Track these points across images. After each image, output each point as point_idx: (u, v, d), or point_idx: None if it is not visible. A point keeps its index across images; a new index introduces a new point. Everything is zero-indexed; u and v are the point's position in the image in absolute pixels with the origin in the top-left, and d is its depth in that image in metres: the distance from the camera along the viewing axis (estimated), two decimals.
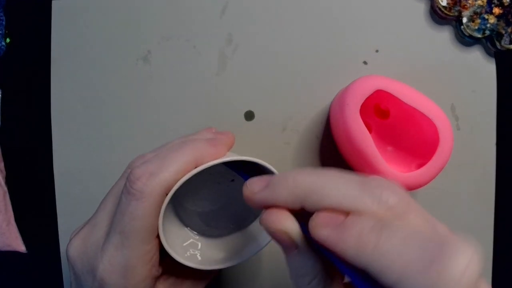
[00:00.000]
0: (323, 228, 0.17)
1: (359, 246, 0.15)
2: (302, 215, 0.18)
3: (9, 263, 0.35)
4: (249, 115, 0.33)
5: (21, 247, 0.34)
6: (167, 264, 0.24)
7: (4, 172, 0.34)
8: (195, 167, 0.22)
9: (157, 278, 0.23)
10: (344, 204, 0.17)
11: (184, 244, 0.26)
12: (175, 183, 0.21)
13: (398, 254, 0.14)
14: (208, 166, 0.22)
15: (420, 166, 0.28)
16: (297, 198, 0.18)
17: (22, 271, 0.35)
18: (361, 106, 0.27)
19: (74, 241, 0.23)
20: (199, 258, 0.25)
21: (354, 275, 0.16)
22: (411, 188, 0.27)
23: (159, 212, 0.21)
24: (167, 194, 0.21)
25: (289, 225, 0.18)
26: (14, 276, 0.35)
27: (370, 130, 0.31)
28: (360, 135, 0.27)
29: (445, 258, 0.13)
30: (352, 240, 0.16)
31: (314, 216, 0.17)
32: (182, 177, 0.22)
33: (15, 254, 0.34)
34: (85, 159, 0.33)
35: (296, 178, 0.18)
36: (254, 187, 0.19)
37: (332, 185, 0.17)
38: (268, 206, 0.19)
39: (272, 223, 0.18)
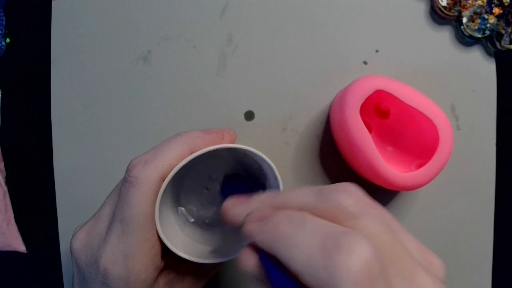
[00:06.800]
0: (250, 223, 0.18)
1: (274, 235, 0.16)
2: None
3: (9, 263, 0.35)
4: (249, 115, 0.33)
5: (21, 247, 0.34)
6: (170, 259, 0.24)
7: (4, 172, 0.34)
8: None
9: (160, 272, 0.24)
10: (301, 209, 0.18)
11: (182, 235, 0.26)
12: (171, 170, 0.22)
13: (305, 246, 0.15)
14: (204, 152, 0.22)
15: (420, 166, 0.28)
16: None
17: (22, 271, 0.35)
18: (361, 106, 0.27)
19: (78, 234, 0.23)
20: (194, 250, 0.25)
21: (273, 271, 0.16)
22: (411, 188, 0.27)
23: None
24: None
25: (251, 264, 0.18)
26: (14, 276, 0.35)
27: (370, 130, 0.31)
28: (360, 135, 0.27)
29: (337, 252, 0.14)
30: (269, 230, 0.17)
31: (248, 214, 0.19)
32: (177, 164, 0.22)
33: (15, 254, 0.34)
34: (85, 159, 0.33)
35: (265, 199, 0.19)
36: (231, 203, 0.21)
37: (291, 196, 0.18)
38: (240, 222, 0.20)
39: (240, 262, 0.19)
